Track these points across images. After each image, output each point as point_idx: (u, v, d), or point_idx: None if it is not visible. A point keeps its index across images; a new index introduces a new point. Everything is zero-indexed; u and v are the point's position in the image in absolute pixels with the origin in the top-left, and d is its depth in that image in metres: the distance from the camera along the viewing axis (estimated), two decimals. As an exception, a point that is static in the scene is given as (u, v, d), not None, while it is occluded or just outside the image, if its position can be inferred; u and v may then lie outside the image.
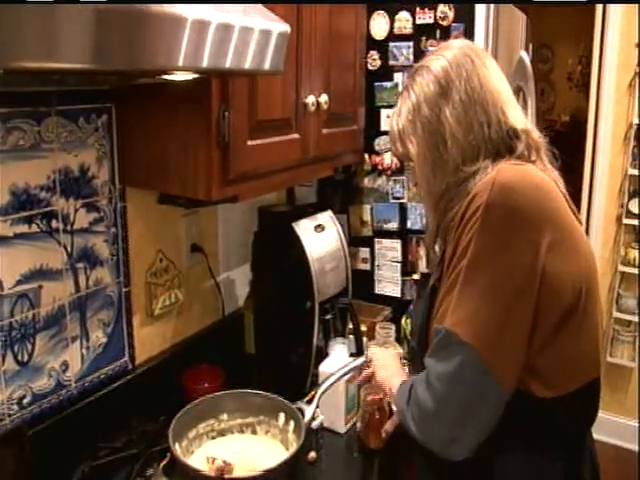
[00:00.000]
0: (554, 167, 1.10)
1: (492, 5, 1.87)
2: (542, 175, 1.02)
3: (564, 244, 0.97)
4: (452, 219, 1.04)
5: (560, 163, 1.12)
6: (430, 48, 1.89)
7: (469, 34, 1.86)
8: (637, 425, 3.09)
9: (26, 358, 1.29)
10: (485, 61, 1.11)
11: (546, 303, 0.95)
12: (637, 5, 2.85)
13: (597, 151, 3.13)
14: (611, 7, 2.97)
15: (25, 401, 1.30)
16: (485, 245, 0.95)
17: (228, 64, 0.98)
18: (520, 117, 1.10)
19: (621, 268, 3.08)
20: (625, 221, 3.07)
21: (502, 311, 0.94)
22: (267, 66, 1.07)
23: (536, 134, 1.09)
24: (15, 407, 1.28)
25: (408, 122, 1.13)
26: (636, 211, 3.02)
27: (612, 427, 3.08)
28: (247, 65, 1.02)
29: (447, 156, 1.07)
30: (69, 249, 1.35)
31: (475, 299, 0.95)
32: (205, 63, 0.93)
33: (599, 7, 3.05)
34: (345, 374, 1.42)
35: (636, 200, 3.02)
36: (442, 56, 1.12)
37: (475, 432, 0.97)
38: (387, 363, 1.33)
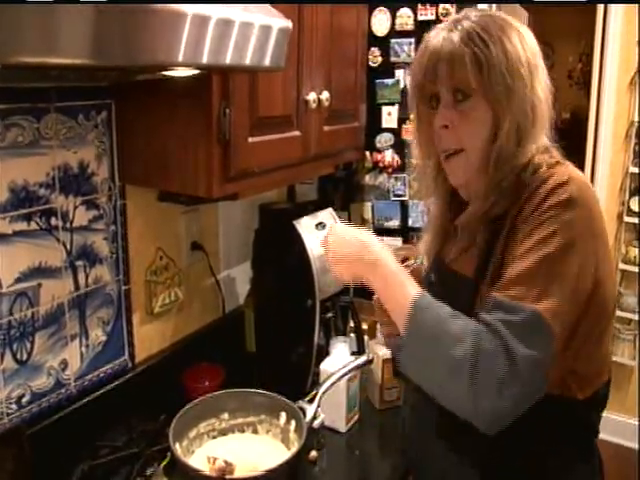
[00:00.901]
0: None
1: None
2: None
3: (608, 253, 0.98)
4: (505, 214, 0.98)
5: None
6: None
7: (471, 31, 1.85)
8: (637, 423, 3.08)
9: (25, 357, 1.28)
10: None
11: (597, 312, 0.95)
12: (637, 5, 2.84)
13: (598, 149, 3.12)
14: (612, 5, 2.96)
15: (24, 400, 1.29)
16: (570, 239, 0.90)
17: (228, 60, 0.97)
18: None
19: (621, 266, 3.07)
20: (626, 219, 3.06)
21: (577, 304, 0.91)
22: (267, 62, 1.06)
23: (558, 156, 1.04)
24: (14, 406, 1.27)
25: (499, 67, 0.97)
26: (637, 209, 3.01)
27: (612, 425, 3.07)
28: (247, 61, 1.01)
29: (533, 129, 0.99)
30: (68, 247, 1.34)
31: (563, 289, 0.89)
32: (205, 59, 0.92)
33: (600, 5, 3.04)
34: (346, 373, 1.41)
35: (637, 198, 3.01)
36: (527, 30, 1.06)
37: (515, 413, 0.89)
38: (352, 235, 1.09)
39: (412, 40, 1.96)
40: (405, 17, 1.96)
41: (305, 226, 1.64)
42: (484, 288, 0.97)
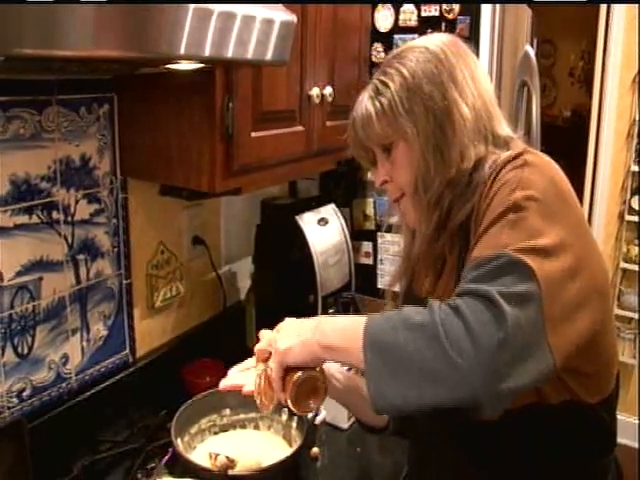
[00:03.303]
0: None
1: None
2: None
3: (584, 222, 0.90)
4: (468, 216, 0.92)
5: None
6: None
7: (475, 27, 1.84)
8: (637, 422, 3.08)
9: (26, 350, 1.27)
10: (476, 60, 1.04)
11: (586, 287, 0.82)
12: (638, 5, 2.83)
13: (600, 147, 3.11)
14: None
15: (25, 394, 1.28)
16: (531, 195, 0.82)
17: (230, 53, 0.96)
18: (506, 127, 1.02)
19: (622, 265, 3.07)
20: (627, 218, 3.05)
21: (573, 263, 0.80)
22: (270, 56, 1.06)
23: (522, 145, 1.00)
24: (15, 400, 1.26)
25: (400, 100, 0.96)
26: (638, 208, 3.01)
27: (612, 424, 3.07)
28: (250, 55, 1.01)
29: (454, 139, 0.94)
30: (70, 240, 1.34)
31: (547, 233, 0.79)
32: (207, 52, 0.91)
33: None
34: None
35: (638, 197, 3.00)
36: (434, 41, 1.00)
37: (514, 384, 0.72)
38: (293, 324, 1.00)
39: (415, 36, 1.95)
40: (408, 13, 1.95)
41: (307, 222, 1.63)
42: None
